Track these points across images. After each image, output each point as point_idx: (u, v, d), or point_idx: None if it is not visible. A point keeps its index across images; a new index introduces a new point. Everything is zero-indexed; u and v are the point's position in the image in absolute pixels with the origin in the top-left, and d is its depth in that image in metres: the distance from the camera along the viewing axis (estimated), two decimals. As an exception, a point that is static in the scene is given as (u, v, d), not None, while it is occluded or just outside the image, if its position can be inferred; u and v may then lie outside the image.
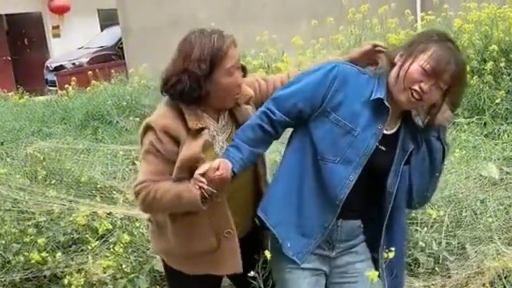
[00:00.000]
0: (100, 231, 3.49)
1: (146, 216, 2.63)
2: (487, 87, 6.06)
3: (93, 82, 9.59)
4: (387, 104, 2.19)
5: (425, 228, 3.47)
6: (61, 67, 14.63)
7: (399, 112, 2.25)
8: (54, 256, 3.43)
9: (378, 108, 2.20)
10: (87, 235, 3.45)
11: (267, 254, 2.21)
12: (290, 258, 2.28)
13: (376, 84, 2.21)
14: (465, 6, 7.25)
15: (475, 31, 6.91)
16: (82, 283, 3.13)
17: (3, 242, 3.44)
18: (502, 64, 6.13)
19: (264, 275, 2.26)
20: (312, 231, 2.27)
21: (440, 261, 3.40)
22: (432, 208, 3.53)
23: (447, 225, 3.54)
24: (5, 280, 3.35)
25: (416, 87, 2.13)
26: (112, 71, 10.76)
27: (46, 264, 3.43)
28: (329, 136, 2.20)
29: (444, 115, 2.23)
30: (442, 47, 2.13)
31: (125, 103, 7.57)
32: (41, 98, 10.56)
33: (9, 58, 16.94)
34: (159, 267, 3.46)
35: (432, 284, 3.26)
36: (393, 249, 2.23)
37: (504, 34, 6.62)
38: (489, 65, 6.18)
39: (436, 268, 3.36)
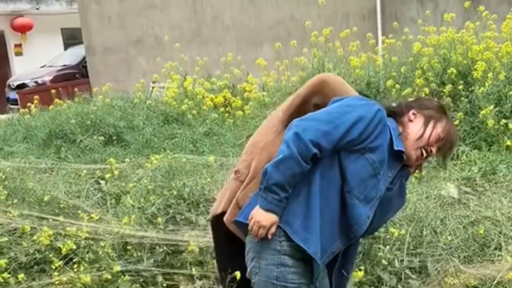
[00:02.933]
0: (64, 251, 3.46)
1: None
2: (447, 111, 6.21)
3: (56, 100, 9.49)
4: (404, 157, 2.39)
5: (387, 247, 3.54)
6: (23, 85, 14.48)
7: None
8: (17, 277, 3.39)
9: (394, 157, 2.37)
10: (50, 255, 3.41)
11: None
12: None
13: (393, 133, 2.37)
14: (425, 30, 7.47)
15: (434, 54, 7.12)
16: (45, 304, 3.11)
17: (-36, 262, 3.38)
18: (460, 87, 6.32)
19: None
20: (323, 253, 2.33)
21: (403, 279, 3.47)
22: (394, 227, 3.61)
23: (409, 243, 3.62)
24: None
25: (428, 149, 2.40)
26: (76, 89, 10.67)
27: (8, 286, 3.38)
28: (361, 174, 2.30)
29: None
30: (450, 121, 2.50)
31: (89, 122, 7.51)
32: (2, 116, 10.39)
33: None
34: (124, 286, 3.46)
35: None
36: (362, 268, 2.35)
37: (462, 58, 6.83)
38: (448, 87, 6.36)
39: (399, 286, 3.43)
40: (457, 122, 5.90)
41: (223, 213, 2.57)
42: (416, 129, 2.39)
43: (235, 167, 2.71)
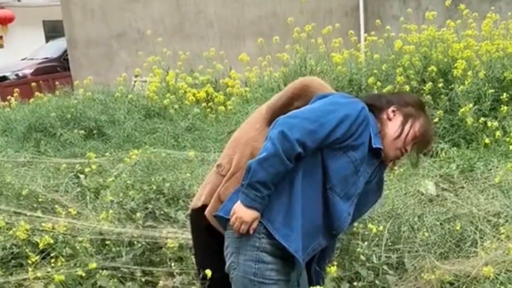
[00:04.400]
0: (41, 246, 3.43)
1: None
2: (426, 107, 6.25)
3: (36, 93, 9.41)
4: (382, 155, 2.42)
5: (366, 243, 3.56)
6: (3, 78, 14.30)
7: None
8: (-7, 271, 3.36)
9: (373, 154, 2.39)
10: (27, 250, 3.39)
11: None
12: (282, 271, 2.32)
13: (372, 130, 2.38)
14: (406, 27, 7.51)
15: (415, 52, 7.17)
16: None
17: None
18: (440, 85, 6.37)
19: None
20: (305, 250, 2.34)
21: (380, 275, 3.49)
22: (372, 223, 3.63)
23: (387, 240, 3.64)
24: None
25: (404, 149, 2.44)
26: (57, 83, 10.59)
27: None
28: (343, 172, 2.32)
29: None
30: (428, 119, 2.53)
31: (69, 116, 7.46)
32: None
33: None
34: (102, 282, 3.44)
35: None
36: (335, 263, 2.38)
37: (442, 56, 6.88)
38: (428, 85, 6.41)
39: (376, 281, 3.45)
40: (436, 120, 5.96)
41: (203, 207, 2.57)
42: (393, 129, 2.42)
43: (216, 161, 2.72)
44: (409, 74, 6.85)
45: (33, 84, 10.31)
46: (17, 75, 14.51)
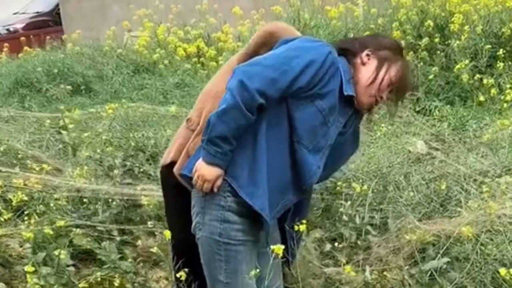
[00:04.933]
0: (14, 203, 3.33)
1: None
2: (422, 63, 6.10)
3: (25, 48, 9.21)
4: (355, 102, 2.24)
5: (349, 202, 3.45)
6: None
7: None
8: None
9: (345, 102, 2.21)
10: (-1, 207, 3.29)
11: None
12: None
13: (344, 76, 2.20)
14: (404, -20, 7.27)
15: (412, 6, 6.95)
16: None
17: None
18: (436, 40, 6.18)
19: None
20: (274, 208, 2.21)
21: (363, 235, 3.39)
22: (356, 182, 3.52)
23: (372, 199, 3.53)
24: None
25: (379, 96, 2.25)
26: (48, 37, 10.36)
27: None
28: (311, 122, 2.16)
29: None
30: (406, 63, 2.34)
31: (56, 71, 7.28)
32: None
33: None
34: (77, 240, 3.35)
35: (355, 259, 3.25)
36: (304, 221, 2.27)
37: (440, 10, 6.67)
38: (424, 41, 6.22)
39: (358, 242, 3.35)
40: (431, 76, 5.80)
41: (172, 163, 2.45)
42: (367, 74, 2.23)
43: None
44: (405, 29, 6.65)
45: (22, 38, 10.08)
46: (8, 29, 14.21)
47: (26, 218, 3.30)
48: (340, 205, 3.50)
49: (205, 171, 2.13)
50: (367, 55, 2.27)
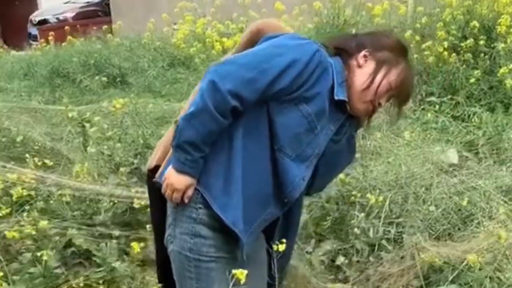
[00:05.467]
0: (15, 198, 3.24)
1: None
2: (464, 66, 5.78)
3: (69, 38, 9.26)
4: (348, 108, 2.01)
5: (362, 214, 3.22)
6: (44, 21, 14.23)
7: None
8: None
9: (336, 107, 1.99)
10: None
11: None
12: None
13: (336, 79, 1.98)
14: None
15: (459, 5, 6.60)
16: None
17: None
18: (481, 42, 5.83)
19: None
20: (252, 222, 2.00)
21: (375, 250, 3.17)
22: (372, 193, 3.28)
23: (389, 212, 3.29)
24: None
25: (375, 102, 2.01)
26: (95, 28, 10.41)
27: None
28: (294, 129, 1.94)
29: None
30: (408, 66, 2.07)
31: (92, 61, 7.26)
32: (21, 53, 10.22)
33: (-5, 11, 16.53)
34: (76, 240, 3.24)
35: (364, 276, 3.04)
36: (284, 240, 2.05)
37: (488, 10, 6.30)
38: (469, 42, 5.88)
39: (371, 258, 3.13)
40: (473, 80, 5.47)
41: (156, 167, 2.28)
42: (363, 78, 1.99)
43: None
44: (449, 29, 6.31)
45: (66, 28, 10.15)
46: (58, 18, 14.38)
47: (25, 214, 3.20)
48: (355, 216, 3.28)
49: (174, 179, 1.94)
50: (364, 56, 2.03)
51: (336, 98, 1.97)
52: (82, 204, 3.35)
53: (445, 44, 5.98)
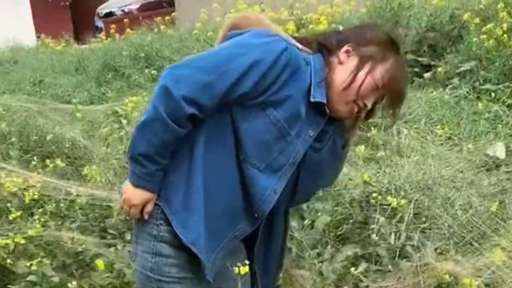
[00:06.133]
0: (27, 201, 3.21)
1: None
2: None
3: (127, 30, 9.34)
4: (327, 110, 1.81)
5: (382, 218, 2.98)
6: (110, 14, 14.46)
7: None
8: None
9: (314, 110, 1.79)
10: (8, 205, 3.17)
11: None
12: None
13: (313, 78, 1.78)
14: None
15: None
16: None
17: None
18: (546, 23, 5.36)
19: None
20: (222, 240, 1.84)
21: (396, 257, 2.92)
22: (395, 195, 3.02)
23: (413, 216, 3.03)
24: None
25: (361, 103, 1.80)
26: (158, 19, 10.44)
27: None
28: (261, 137, 1.75)
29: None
30: (399, 62, 1.84)
31: (143, 54, 7.23)
32: (82, 47, 10.41)
33: (67, 3, 16.89)
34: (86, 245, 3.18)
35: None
36: (247, 262, 1.86)
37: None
38: (531, 24, 5.41)
39: (390, 267, 2.89)
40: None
41: None
42: (343, 75, 1.77)
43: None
44: (511, 10, 5.84)
45: (125, 20, 10.24)
46: (123, 10, 14.56)
47: (36, 217, 3.17)
48: (376, 220, 3.04)
49: (131, 194, 1.78)
50: (346, 51, 1.81)
51: (312, 100, 1.76)
52: (94, 207, 3.28)
53: (505, 26, 5.54)
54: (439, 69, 5.69)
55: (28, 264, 2.68)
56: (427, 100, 4.38)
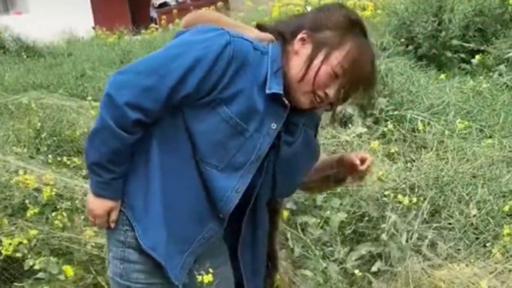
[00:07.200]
0: (45, 199, 3.28)
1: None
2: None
3: (176, 21, 9.41)
4: (286, 101, 1.73)
5: (393, 217, 2.88)
6: (164, 4, 14.55)
7: None
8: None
9: (273, 102, 1.72)
10: (26, 201, 3.25)
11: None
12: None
13: (270, 69, 1.71)
14: None
15: None
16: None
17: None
18: None
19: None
20: (190, 245, 1.81)
21: (407, 258, 2.82)
22: (403, 193, 2.92)
23: (426, 214, 2.92)
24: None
25: (321, 93, 1.70)
26: (210, 7, 10.46)
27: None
28: (215, 136, 1.70)
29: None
30: (359, 44, 1.71)
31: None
32: (133, 38, 10.56)
33: (125, -6, 17.18)
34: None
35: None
36: (212, 271, 1.83)
37: None
38: None
39: (399, 268, 2.79)
40: None
41: None
42: (298, 66, 1.70)
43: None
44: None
45: (174, 11, 10.31)
46: (176, 0, 14.64)
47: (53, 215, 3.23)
48: (388, 219, 2.94)
49: (93, 204, 1.78)
50: (301, 39, 1.72)
51: (268, 91, 1.69)
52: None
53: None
54: (487, 55, 5.48)
55: (36, 261, 2.74)
56: (460, 89, 4.19)
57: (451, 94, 3.79)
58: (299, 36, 1.72)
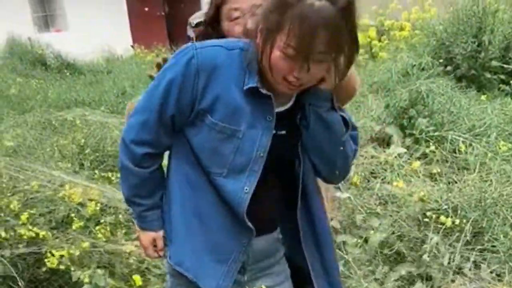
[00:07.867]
0: (90, 213, 3.36)
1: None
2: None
3: (213, 40, 9.52)
4: (264, 92, 1.69)
5: (435, 238, 2.87)
6: (201, 24, 14.65)
7: None
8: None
9: (255, 96, 1.70)
10: (72, 215, 3.33)
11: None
12: None
13: (244, 65, 1.69)
14: None
15: None
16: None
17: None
18: None
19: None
20: (230, 254, 1.83)
21: (449, 280, 2.80)
22: (445, 215, 2.90)
23: (469, 236, 2.90)
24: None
25: (291, 78, 1.61)
26: (246, 27, 10.59)
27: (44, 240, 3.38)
28: (208, 145, 1.73)
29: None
30: (300, 15, 1.53)
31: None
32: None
33: (163, 13, 17.39)
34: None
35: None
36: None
37: None
38: None
39: (441, 290, 2.78)
40: None
41: None
42: (264, 59, 1.64)
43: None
44: None
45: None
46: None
47: (97, 228, 3.30)
48: (430, 239, 2.93)
49: (140, 237, 1.91)
50: (260, 31, 1.64)
51: (245, 88, 1.67)
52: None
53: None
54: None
55: (84, 273, 2.80)
56: (502, 110, 4.17)
57: (493, 116, 3.76)
58: (259, 28, 1.65)
